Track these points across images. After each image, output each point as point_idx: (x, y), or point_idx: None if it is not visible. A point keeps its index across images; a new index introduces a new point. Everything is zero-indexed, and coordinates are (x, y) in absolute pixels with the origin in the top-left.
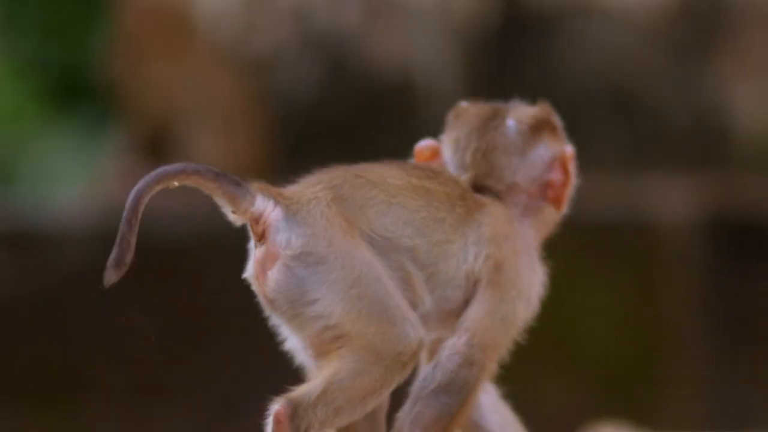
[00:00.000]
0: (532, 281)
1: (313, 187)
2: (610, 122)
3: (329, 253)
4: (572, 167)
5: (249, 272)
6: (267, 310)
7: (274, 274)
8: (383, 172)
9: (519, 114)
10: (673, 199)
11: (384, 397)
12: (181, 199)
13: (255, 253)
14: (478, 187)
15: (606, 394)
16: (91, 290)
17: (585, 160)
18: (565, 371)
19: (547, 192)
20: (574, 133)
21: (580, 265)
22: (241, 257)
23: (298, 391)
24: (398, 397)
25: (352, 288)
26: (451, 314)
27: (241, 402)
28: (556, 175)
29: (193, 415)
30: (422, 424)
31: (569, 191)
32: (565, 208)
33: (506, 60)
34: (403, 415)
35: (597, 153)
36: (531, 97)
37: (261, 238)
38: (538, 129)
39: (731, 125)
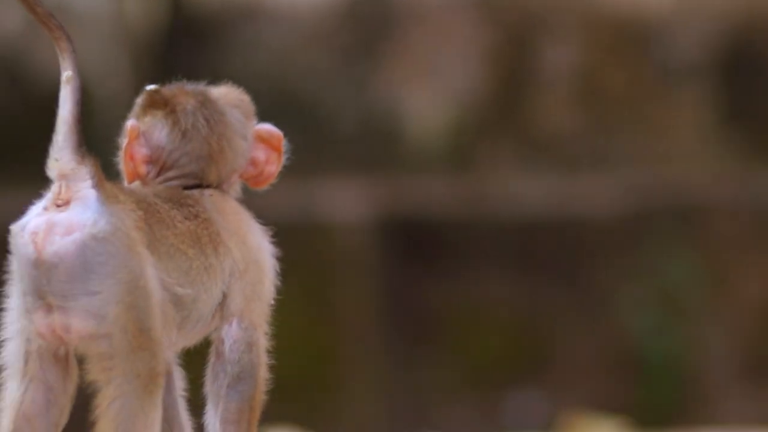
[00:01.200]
0: (268, 254)
1: (125, 196)
2: (279, 126)
3: (126, 253)
4: (275, 139)
5: (27, 226)
6: (22, 270)
7: (64, 241)
8: (170, 212)
9: (228, 97)
10: (344, 201)
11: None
12: None
13: (44, 212)
14: (192, 185)
15: (278, 399)
16: None
17: None
18: None
19: (248, 170)
20: None
21: None
22: None
23: None
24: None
25: (131, 296)
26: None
27: None
28: (257, 153)
29: None
30: (231, 419)
31: (277, 164)
32: (268, 185)
33: (173, 63)
34: (210, 417)
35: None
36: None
37: (62, 204)
38: (249, 112)
39: (400, 127)
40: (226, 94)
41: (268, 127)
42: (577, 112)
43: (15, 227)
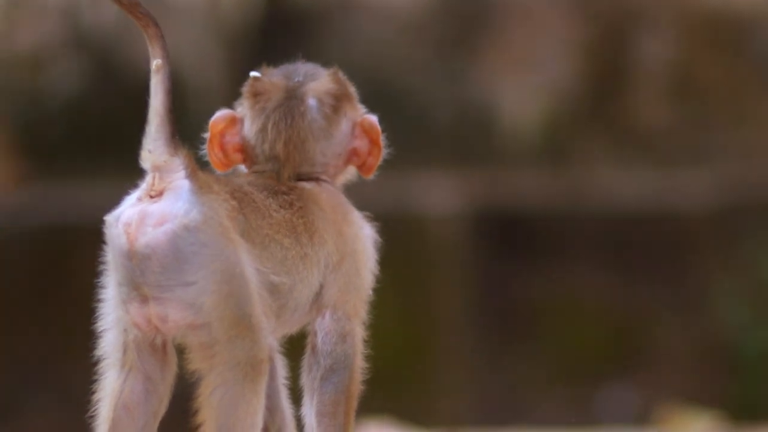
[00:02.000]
0: (366, 244)
1: (219, 186)
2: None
3: (219, 242)
4: (374, 132)
5: (121, 217)
6: (116, 261)
7: (156, 232)
8: (266, 201)
9: (317, 91)
10: (439, 194)
11: (262, 405)
12: None
13: (138, 203)
14: (297, 176)
15: (373, 391)
16: None
17: None
18: None
19: (353, 160)
20: None
21: None
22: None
23: None
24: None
25: (228, 284)
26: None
27: (10, 403)
28: (359, 143)
29: None
30: (326, 411)
31: (377, 157)
32: (373, 174)
33: (269, 56)
34: (306, 409)
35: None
36: None
37: (155, 195)
38: (338, 106)
39: (495, 120)
40: (319, 86)
41: (370, 120)
42: (673, 106)
43: (109, 218)
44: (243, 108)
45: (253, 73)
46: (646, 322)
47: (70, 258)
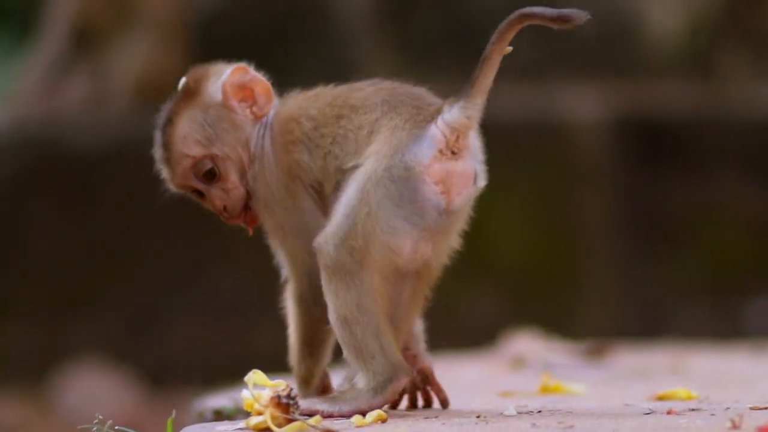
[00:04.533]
0: None
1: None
2: (519, 30)
3: None
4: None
5: (428, 170)
6: (423, 212)
7: (467, 193)
8: None
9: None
10: (583, 104)
11: None
12: (94, 109)
13: (442, 159)
14: None
15: (519, 301)
16: (2, 200)
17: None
18: (478, 278)
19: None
20: (488, 41)
21: (492, 168)
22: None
23: None
24: None
25: None
26: None
27: (154, 316)
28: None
29: (109, 330)
30: None
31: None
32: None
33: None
34: None
35: (508, 59)
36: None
37: (454, 152)
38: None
39: (640, 30)
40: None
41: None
42: None
43: (410, 162)
44: None
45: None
46: None
47: None
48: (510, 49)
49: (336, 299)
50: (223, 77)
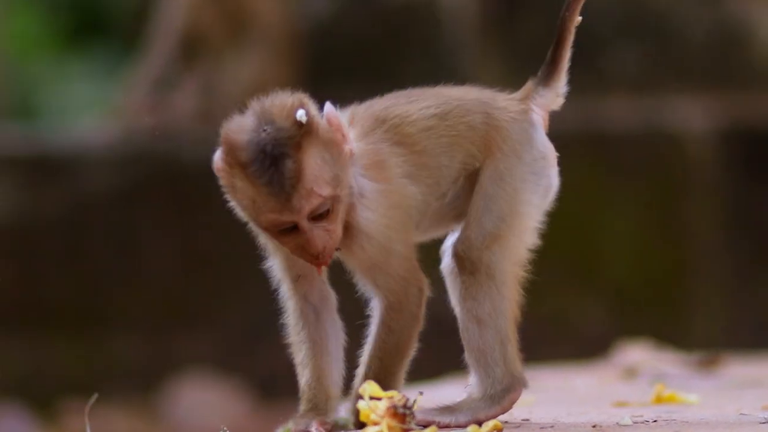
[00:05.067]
0: None
1: None
2: (628, 42)
3: None
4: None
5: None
6: (547, 191)
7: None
8: None
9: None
10: (693, 115)
11: None
12: (203, 123)
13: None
14: None
15: (629, 312)
16: (112, 214)
17: (605, 78)
18: (589, 289)
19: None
20: (596, 53)
21: (602, 180)
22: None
23: None
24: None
25: None
26: None
27: (264, 327)
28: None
29: (217, 341)
30: None
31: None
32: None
33: None
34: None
35: (618, 70)
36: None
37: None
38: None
39: (750, 41)
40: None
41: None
42: None
43: (546, 149)
44: None
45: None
46: None
47: None
48: (580, 19)
49: (474, 302)
50: (327, 111)
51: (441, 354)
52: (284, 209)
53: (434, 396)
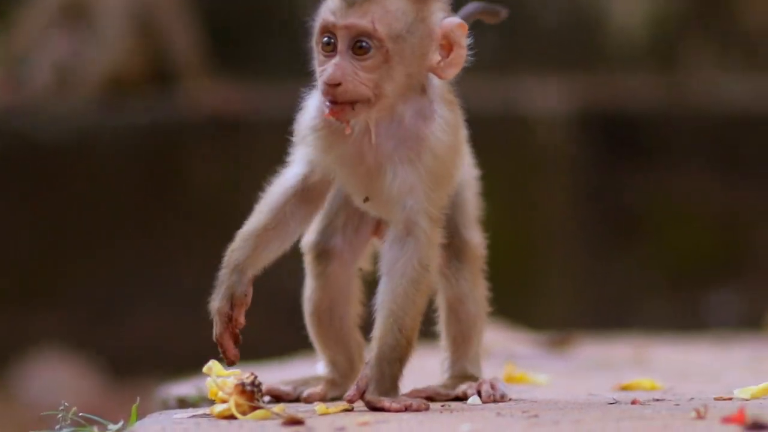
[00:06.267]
0: None
1: None
2: (483, 24)
3: None
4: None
5: None
6: None
7: None
8: None
9: None
10: (546, 96)
11: None
12: (57, 99)
13: None
14: None
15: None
16: None
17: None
18: None
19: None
20: None
21: None
22: (118, 157)
23: None
24: None
25: None
26: None
27: (116, 305)
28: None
29: (70, 319)
30: None
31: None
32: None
33: None
34: None
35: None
36: None
37: None
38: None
39: (603, 23)
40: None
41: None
42: None
43: None
44: None
45: None
46: (754, 225)
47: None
48: None
49: (475, 289)
50: (451, 18)
51: (289, 331)
52: (338, 10)
53: (283, 373)
